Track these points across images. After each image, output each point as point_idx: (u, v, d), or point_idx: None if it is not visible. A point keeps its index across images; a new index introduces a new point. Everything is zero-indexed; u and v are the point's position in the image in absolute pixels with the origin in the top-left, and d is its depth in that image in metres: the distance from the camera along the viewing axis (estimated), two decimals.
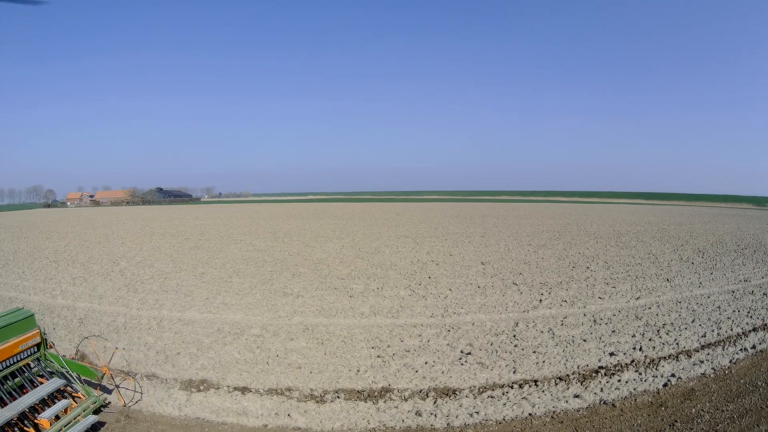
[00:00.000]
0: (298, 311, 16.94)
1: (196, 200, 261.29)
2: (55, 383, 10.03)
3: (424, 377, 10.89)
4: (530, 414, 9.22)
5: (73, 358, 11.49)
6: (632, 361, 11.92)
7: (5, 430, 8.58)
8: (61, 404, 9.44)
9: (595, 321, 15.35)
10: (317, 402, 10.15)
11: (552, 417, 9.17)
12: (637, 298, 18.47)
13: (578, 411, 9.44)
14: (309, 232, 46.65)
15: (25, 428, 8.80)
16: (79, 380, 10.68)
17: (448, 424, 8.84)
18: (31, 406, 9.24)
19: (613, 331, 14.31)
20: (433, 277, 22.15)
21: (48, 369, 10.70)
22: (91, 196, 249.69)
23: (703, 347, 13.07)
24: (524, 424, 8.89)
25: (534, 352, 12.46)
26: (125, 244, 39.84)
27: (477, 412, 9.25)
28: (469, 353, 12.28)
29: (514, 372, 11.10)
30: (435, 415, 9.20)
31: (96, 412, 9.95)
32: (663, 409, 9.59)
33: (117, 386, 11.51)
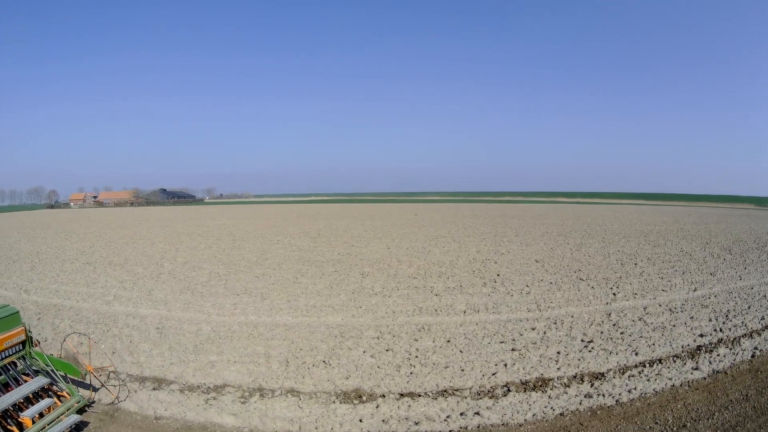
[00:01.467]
0: (398, 311, 17.55)
1: (199, 201, 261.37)
2: (39, 381, 10.12)
3: (568, 365, 12.15)
4: (672, 385, 10.89)
5: (59, 357, 11.51)
6: (719, 340, 13.94)
7: None
8: (44, 403, 9.56)
9: (670, 310, 17.17)
10: (492, 398, 10.61)
11: (689, 386, 10.87)
12: (694, 290, 20.32)
13: (704, 380, 11.24)
14: (343, 232, 47.91)
15: (8, 426, 8.84)
16: (65, 379, 10.80)
17: (616, 401, 10.21)
18: (15, 404, 9.31)
19: (691, 318, 16.18)
20: (501, 274, 23.66)
21: (33, 367, 10.73)
22: (95, 197, 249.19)
23: (765, 328, 15.26)
24: (672, 393, 10.56)
25: (640, 337, 14.15)
26: (155, 244, 40.31)
27: (632, 389, 10.75)
28: (590, 341, 13.84)
29: (636, 354, 12.74)
30: (602, 395, 10.50)
31: (80, 411, 10.03)
32: (759, 373, 11.79)
33: (103, 384, 11.72)
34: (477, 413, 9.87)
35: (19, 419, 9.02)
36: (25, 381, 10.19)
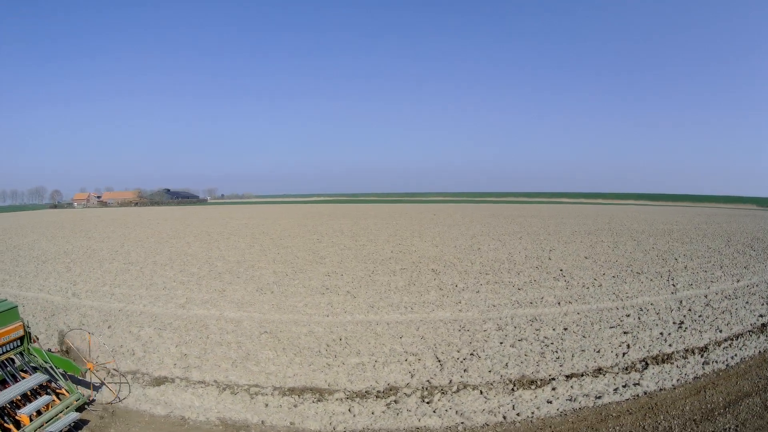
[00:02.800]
0: (498, 305, 18.74)
1: (202, 201, 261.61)
2: (37, 378, 10.03)
3: (675, 342, 14.23)
4: (759, 352, 13.32)
5: (57, 352, 11.57)
6: None
7: None
8: (42, 400, 9.49)
9: (727, 297, 19.60)
10: (637, 371, 12.21)
11: None
12: (737, 281, 22.84)
13: None
14: (376, 231, 49.68)
15: (5, 424, 8.78)
16: (64, 376, 10.68)
17: (727, 365, 12.45)
18: (12, 401, 9.22)
19: (746, 303, 18.69)
20: (564, 270, 25.84)
21: (31, 364, 10.61)
22: (98, 197, 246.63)
23: None
24: (761, 358, 12.93)
25: (715, 318, 16.53)
26: (191, 244, 40.37)
27: (732, 356, 13.01)
28: (681, 323, 16.09)
29: (720, 332, 15.06)
30: (715, 362, 12.65)
31: (79, 409, 9.96)
32: None
33: (102, 382, 11.74)
34: (636, 384, 11.49)
35: (16, 416, 8.94)
36: (24, 378, 10.11)
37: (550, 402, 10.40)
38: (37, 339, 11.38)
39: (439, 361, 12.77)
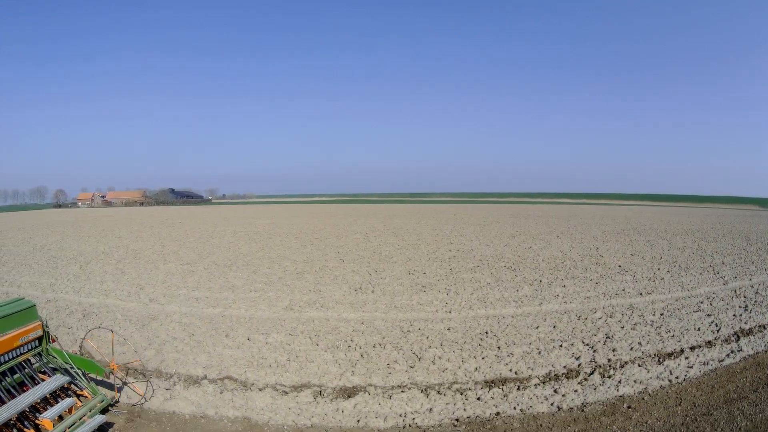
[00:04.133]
0: (593, 296, 20.34)
1: (207, 201, 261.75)
2: (58, 380, 9.65)
3: (757, 317, 16.78)
4: None
5: (76, 353, 11.09)
6: None
7: (3, 430, 8.24)
8: (64, 403, 9.10)
9: None
10: (735, 342, 14.53)
11: None
12: None
13: None
14: (412, 230, 51.28)
15: (25, 429, 8.45)
16: (85, 377, 10.34)
17: None
18: (32, 405, 8.87)
19: None
20: (622, 266, 27.88)
21: (50, 365, 10.30)
22: (103, 197, 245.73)
23: None
24: None
25: None
26: (239, 244, 39.81)
27: None
28: (745, 307, 18.43)
29: None
30: None
31: (103, 411, 9.66)
32: None
33: (124, 383, 11.57)
34: (739, 350, 13.71)
35: (36, 421, 8.59)
36: (42, 380, 9.77)
37: (691, 367, 12.64)
38: (56, 339, 10.95)
39: (587, 344, 14.39)
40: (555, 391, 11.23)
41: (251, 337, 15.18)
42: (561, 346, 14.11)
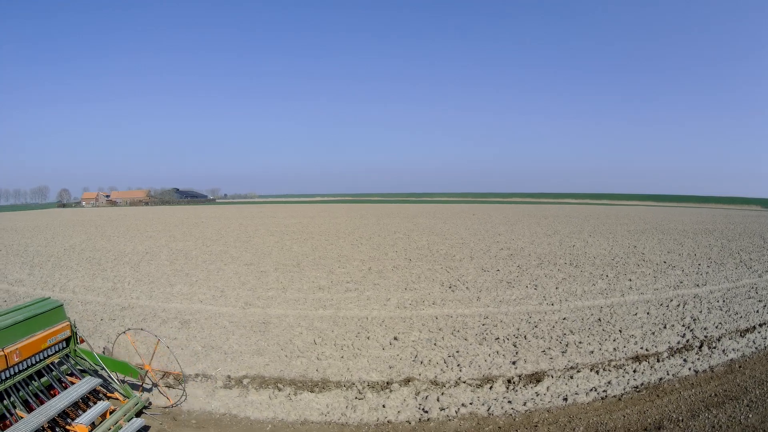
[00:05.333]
0: (660, 288, 21.88)
1: (211, 201, 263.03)
2: (90, 383, 9.27)
3: None
4: None
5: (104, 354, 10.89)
6: None
7: None
8: (99, 407, 8.68)
9: None
10: None
11: None
12: None
13: None
14: (448, 231, 52.70)
15: None
16: (116, 379, 10.05)
17: None
18: (63, 411, 8.45)
19: None
20: (667, 261, 29.77)
21: (78, 366, 9.95)
22: (107, 196, 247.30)
23: None
24: None
25: None
26: (284, 244, 39.73)
27: None
28: None
29: None
30: None
31: (137, 414, 9.36)
32: None
33: (155, 385, 11.33)
34: None
35: (68, 427, 8.18)
36: (71, 382, 9.41)
37: (765, 338, 15.07)
38: (84, 339, 10.69)
39: (683, 326, 16.33)
40: (684, 360, 13.23)
41: (398, 336, 15.23)
42: (665, 327, 16.09)
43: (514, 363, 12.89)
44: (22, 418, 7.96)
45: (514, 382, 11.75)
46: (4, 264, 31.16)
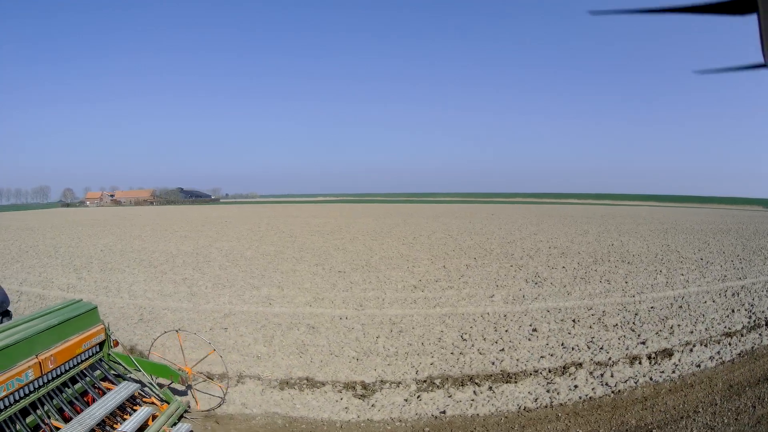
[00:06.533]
0: (717, 280, 24.84)
1: (215, 201, 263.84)
2: (129, 388, 8.91)
3: None
4: None
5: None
6: None
7: None
8: (142, 413, 8.28)
9: None
10: None
11: None
12: None
13: None
14: (483, 231, 54.61)
15: None
16: (155, 383, 9.78)
17: None
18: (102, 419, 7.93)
19: None
20: (704, 258, 32.58)
21: (113, 371, 9.55)
22: (111, 196, 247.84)
23: None
24: None
25: None
26: (337, 245, 39.78)
27: None
28: None
29: None
30: None
31: (179, 419, 9.05)
32: None
33: (189, 387, 11.16)
34: None
35: None
36: (108, 388, 8.97)
37: None
38: (118, 342, 10.38)
39: (746, 310, 19.15)
40: (759, 334, 16.28)
41: (536, 328, 16.54)
42: (732, 312, 18.92)
43: (643, 343, 15.39)
44: (58, 429, 7.45)
45: (652, 358, 14.28)
46: (43, 267, 30.20)
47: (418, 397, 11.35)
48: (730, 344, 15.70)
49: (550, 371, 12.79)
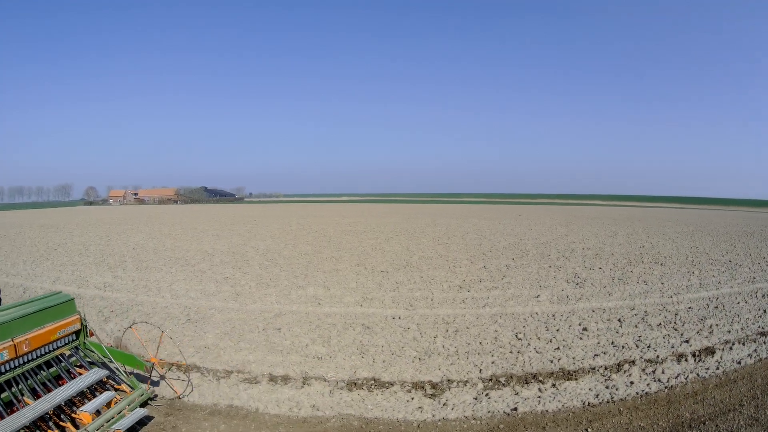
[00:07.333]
0: (754, 279, 26.03)
1: (239, 200, 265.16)
2: (97, 374, 9.64)
3: None
4: None
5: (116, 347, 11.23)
6: None
7: (38, 424, 8.09)
8: (104, 397, 9.04)
9: None
10: None
11: None
12: None
13: None
14: (517, 231, 55.42)
15: (61, 422, 8.33)
16: (124, 372, 10.43)
17: None
18: (69, 399, 8.79)
19: None
20: (733, 261, 33.39)
21: (87, 359, 10.24)
22: (135, 194, 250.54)
23: None
24: None
25: None
26: (388, 246, 39.64)
27: None
28: None
29: None
30: None
31: (143, 405, 9.67)
32: None
33: (162, 377, 11.59)
34: None
35: (72, 415, 8.52)
36: (79, 373, 9.74)
37: None
38: (94, 333, 11.05)
39: None
40: None
41: (586, 327, 17.38)
42: (765, 312, 19.75)
43: (687, 342, 15.77)
44: (29, 404, 8.29)
45: (697, 355, 15.12)
46: (74, 265, 30.43)
47: (487, 395, 11.52)
48: (765, 342, 16.94)
49: (606, 368, 13.27)
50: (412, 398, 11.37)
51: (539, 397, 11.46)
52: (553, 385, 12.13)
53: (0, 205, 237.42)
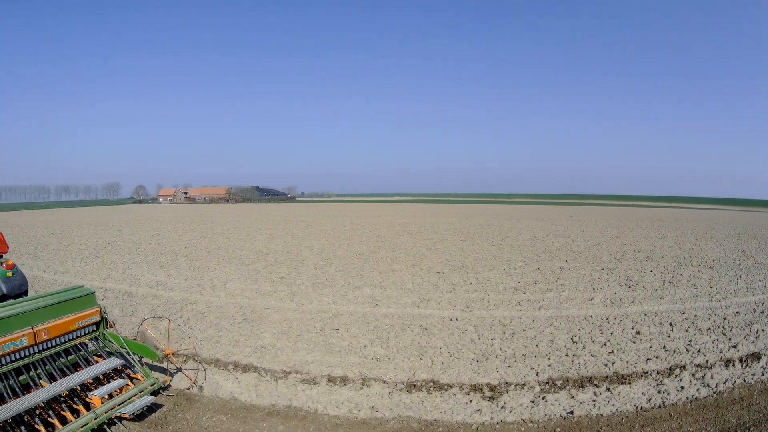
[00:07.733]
0: None
1: (291, 199, 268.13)
2: (112, 362, 10.26)
3: None
4: None
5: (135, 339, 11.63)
6: None
7: (52, 405, 8.67)
8: (115, 383, 9.66)
9: None
10: None
11: None
12: None
13: None
14: (583, 234, 55.76)
15: (74, 405, 8.91)
16: (140, 362, 10.89)
17: None
18: (83, 384, 9.41)
19: None
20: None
21: (106, 349, 10.84)
22: (185, 193, 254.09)
23: None
24: None
25: None
26: (442, 247, 40.07)
27: None
28: None
29: None
30: None
31: (154, 393, 10.16)
32: None
33: (179, 369, 12.02)
34: None
35: (86, 399, 9.08)
36: (96, 362, 10.33)
37: None
38: (113, 325, 11.67)
39: None
40: None
41: (639, 330, 17.60)
42: None
43: (734, 347, 15.47)
44: (44, 387, 8.88)
45: (743, 361, 15.34)
46: (125, 264, 30.75)
47: (544, 398, 11.59)
48: None
49: (658, 373, 13.20)
50: (471, 400, 11.52)
51: (594, 400, 11.63)
52: (608, 389, 12.28)
53: (47, 203, 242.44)
